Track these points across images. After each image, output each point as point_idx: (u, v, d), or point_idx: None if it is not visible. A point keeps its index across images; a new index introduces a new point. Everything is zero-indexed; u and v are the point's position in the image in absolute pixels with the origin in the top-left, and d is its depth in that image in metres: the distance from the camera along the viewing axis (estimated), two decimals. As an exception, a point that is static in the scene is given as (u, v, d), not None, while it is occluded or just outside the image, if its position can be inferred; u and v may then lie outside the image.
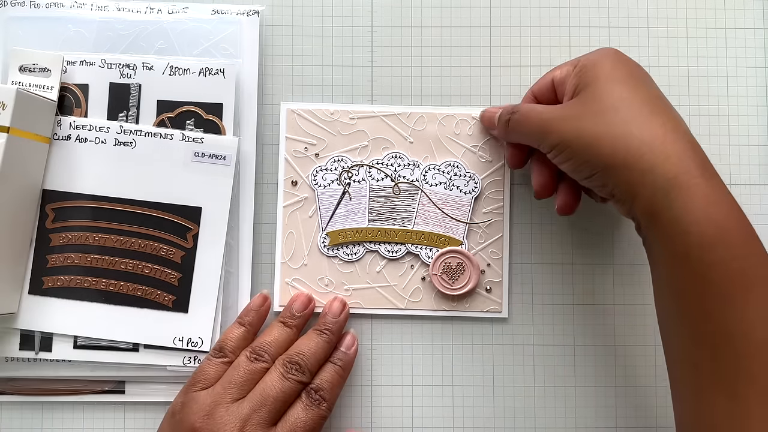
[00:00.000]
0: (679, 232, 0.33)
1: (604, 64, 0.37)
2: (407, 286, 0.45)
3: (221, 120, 0.45)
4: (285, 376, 0.40)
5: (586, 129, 0.36)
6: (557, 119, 0.37)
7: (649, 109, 0.35)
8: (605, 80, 0.37)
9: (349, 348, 0.43)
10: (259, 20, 0.46)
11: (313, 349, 0.41)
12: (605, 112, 0.36)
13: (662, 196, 0.33)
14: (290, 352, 0.41)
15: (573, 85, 0.38)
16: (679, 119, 0.36)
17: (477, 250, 0.45)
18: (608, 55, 0.38)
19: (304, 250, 0.45)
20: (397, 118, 0.46)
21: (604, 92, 0.36)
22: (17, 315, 0.44)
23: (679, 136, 0.35)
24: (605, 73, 0.37)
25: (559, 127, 0.37)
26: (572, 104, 0.38)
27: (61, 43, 0.45)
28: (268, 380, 0.40)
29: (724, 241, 0.32)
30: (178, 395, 0.41)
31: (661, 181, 0.33)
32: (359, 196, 0.45)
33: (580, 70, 0.38)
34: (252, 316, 0.43)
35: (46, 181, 0.44)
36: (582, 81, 0.38)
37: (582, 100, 0.37)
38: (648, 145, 0.34)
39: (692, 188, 0.33)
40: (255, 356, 0.41)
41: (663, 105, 0.36)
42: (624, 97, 0.36)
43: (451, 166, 0.45)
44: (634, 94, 0.36)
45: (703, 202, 0.33)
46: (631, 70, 0.38)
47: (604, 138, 0.35)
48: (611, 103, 0.36)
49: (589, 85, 0.37)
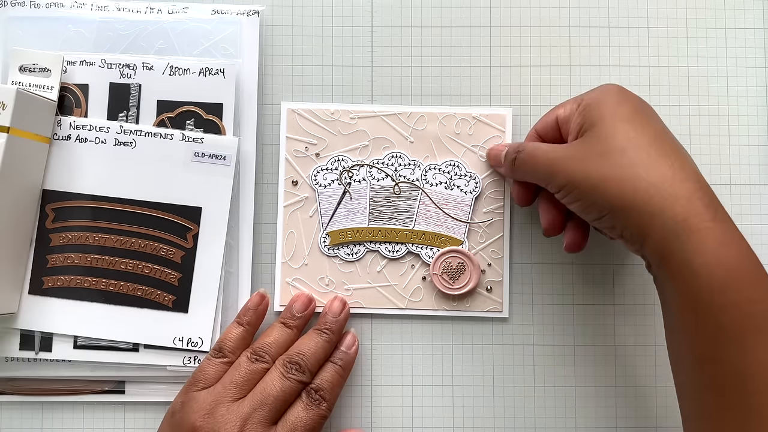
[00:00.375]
0: (690, 275, 0.33)
1: (608, 103, 0.37)
2: (408, 286, 0.45)
3: (221, 120, 0.45)
4: (285, 375, 0.40)
5: (594, 170, 0.36)
6: (564, 159, 0.37)
7: (656, 149, 0.35)
8: (610, 119, 0.36)
9: (349, 348, 0.43)
10: (259, 20, 0.46)
11: (314, 349, 0.41)
12: (612, 154, 0.35)
13: (672, 239, 0.33)
14: (290, 352, 0.41)
15: (578, 124, 0.38)
16: (686, 157, 0.36)
17: (477, 249, 0.45)
18: (612, 92, 0.38)
19: (304, 250, 0.45)
20: (398, 118, 0.46)
21: (610, 132, 0.36)
22: (17, 315, 0.44)
23: (687, 176, 0.34)
24: (610, 111, 0.37)
25: (566, 167, 0.37)
26: (578, 144, 0.37)
27: (61, 43, 0.45)
28: (268, 380, 0.40)
29: (735, 284, 0.32)
30: (178, 395, 0.41)
31: (670, 224, 0.33)
32: (360, 196, 0.45)
33: (584, 108, 0.38)
34: (250, 316, 0.43)
35: (46, 181, 0.44)
36: (587, 120, 0.37)
37: (588, 141, 0.37)
38: (656, 187, 0.34)
39: (702, 231, 0.33)
40: (256, 357, 0.41)
41: (669, 143, 0.36)
42: (630, 137, 0.36)
43: (452, 165, 0.45)
44: (641, 133, 0.36)
45: (714, 245, 0.33)
46: (636, 106, 0.37)
47: (612, 180, 0.35)
48: (618, 144, 0.35)
49: (595, 125, 0.37)
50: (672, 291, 0.34)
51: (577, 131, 0.38)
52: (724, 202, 0.46)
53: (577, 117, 0.38)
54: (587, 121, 0.37)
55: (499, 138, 0.45)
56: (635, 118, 0.36)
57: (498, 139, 0.45)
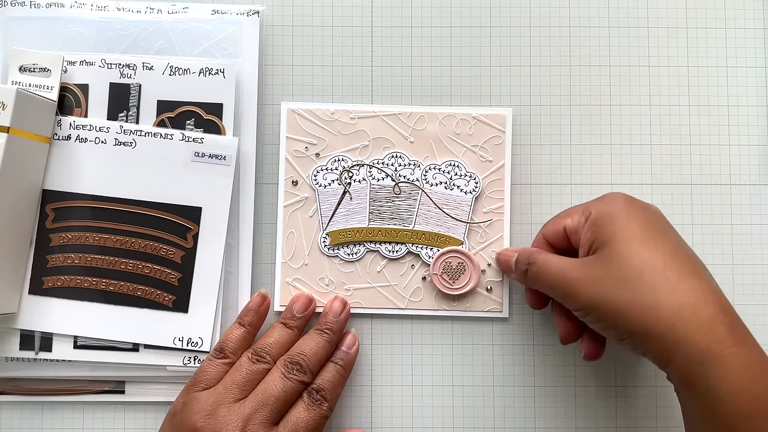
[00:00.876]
0: (716, 401, 0.33)
1: (618, 218, 0.37)
2: (408, 286, 0.45)
3: (221, 120, 0.45)
4: (287, 376, 0.40)
5: (612, 295, 0.35)
6: (580, 282, 0.37)
7: (675, 273, 0.35)
8: (623, 238, 0.36)
9: (350, 347, 0.43)
10: (259, 20, 0.46)
11: (314, 349, 0.41)
12: (629, 279, 0.35)
13: (696, 366, 0.33)
14: (292, 353, 0.41)
15: (588, 240, 0.38)
16: (703, 275, 0.35)
17: (477, 249, 0.45)
18: (620, 205, 0.38)
19: (304, 250, 0.45)
20: (398, 118, 0.46)
21: (625, 253, 0.36)
22: (17, 315, 0.44)
23: (708, 300, 0.34)
24: (621, 228, 0.36)
25: (583, 290, 0.36)
26: (593, 264, 0.37)
27: (61, 43, 0.45)
28: (269, 380, 0.40)
29: (761, 411, 0.32)
30: (179, 395, 0.41)
31: (694, 351, 0.33)
32: (360, 196, 0.45)
33: (593, 223, 0.38)
34: (251, 316, 0.43)
35: (46, 181, 0.44)
36: (598, 237, 0.37)
37: (602, 261, 0.36)
38: (678, 315, 0.34)
39: (726, 358, 0.33)
40: (257, 357, 0.41)
41: (685, 262, 0.35)
42: (645, 258, 0.35)
43: (452, 165, 0.45)
44: (656, 254, 0.35)
45: (738, 372, 0.32)
46: (647, 220, 0.37)
47: (633, 307, 0.35)
48: (634, 267, 0.35)
49: (607, 244, 0.36)
50: (696, 411, 0.34)
51: (589, 246, 0.38)
52: (723, 202, 0.46)
53: (587, 231, 0.38)
54: (598, 238, 0.37)
55: (499, 138, 0.45)
56: (648, 235, 0.36)
57: (498, 139, 0.45)
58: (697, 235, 0.46)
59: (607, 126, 0.46)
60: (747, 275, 0.46)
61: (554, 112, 0.46)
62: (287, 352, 0.41)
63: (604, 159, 0.46)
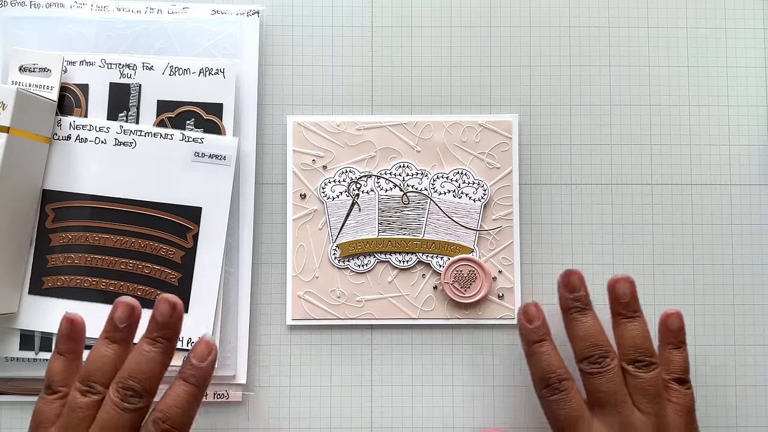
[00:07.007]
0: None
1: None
2: (419, 296, 0.45)
3: (221, 120, 0.45)
4: (121, 406, 0.35)
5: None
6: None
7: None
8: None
9: (202, 359, 0.36)
10: (259, 20, 0.46)
11: (147, 367, 0.36)
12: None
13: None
14: (122, 375, 0.36)
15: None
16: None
17: (488, 257, 0.45)
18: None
19: (315, 263, 0.45)
20: (404, 128, 0.46)
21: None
22: (17, 315, 0.44)
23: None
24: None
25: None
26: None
27: (61, 43, 0.45)
28: (104, 416, 0.35)
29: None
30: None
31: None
32: (368, 207, 0.45)
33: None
34: (65, 343, 0.38)
35: (46, 181, 0.44)
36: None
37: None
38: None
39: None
40: (86, 389, 0.36)
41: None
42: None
43: (460, 173, 0.45)
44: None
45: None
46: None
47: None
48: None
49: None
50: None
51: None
52: (723, 202, 0.46)
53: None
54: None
55: (506, 144, 0.45)
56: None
57: (505, 146, 0.45)
58: (697, 235, 0.46)
59: (607, 126, 0.46)
60: (747, 275, 0.46)
61: (554, 112, 0.46)
62: (118, 374, 0.36)
63: (604, 159, 0.46)
